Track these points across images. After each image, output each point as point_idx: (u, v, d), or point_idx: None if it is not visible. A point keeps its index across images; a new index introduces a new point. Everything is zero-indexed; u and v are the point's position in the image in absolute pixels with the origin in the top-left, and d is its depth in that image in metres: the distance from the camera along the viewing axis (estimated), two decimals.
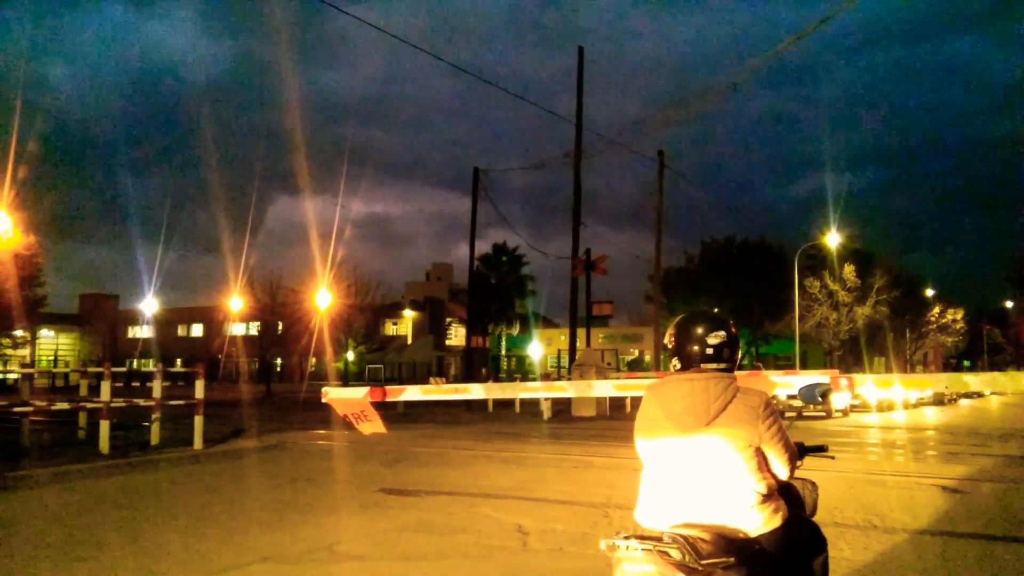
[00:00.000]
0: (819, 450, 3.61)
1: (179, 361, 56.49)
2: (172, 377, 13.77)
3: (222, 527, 7.16)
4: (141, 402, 13.31)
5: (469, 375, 37.95)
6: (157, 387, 13.37)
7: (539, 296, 63.49)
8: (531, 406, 25.74)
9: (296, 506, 8.24)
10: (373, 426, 6.91)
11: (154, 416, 13.28)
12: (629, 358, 63.01)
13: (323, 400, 7.57)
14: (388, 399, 7.46)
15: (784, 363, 51.16)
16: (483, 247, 61.69)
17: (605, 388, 6.97)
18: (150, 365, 52.44)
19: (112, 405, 12.49)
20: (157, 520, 7.44)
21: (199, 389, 13.38)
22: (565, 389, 7.46)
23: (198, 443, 13.14)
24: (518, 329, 64.51)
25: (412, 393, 7.53)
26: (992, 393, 39.15)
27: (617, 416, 23.79)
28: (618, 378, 21.99)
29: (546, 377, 40.26)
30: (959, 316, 61.93)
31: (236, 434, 14.84)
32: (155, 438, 13.13)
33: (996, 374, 7.61)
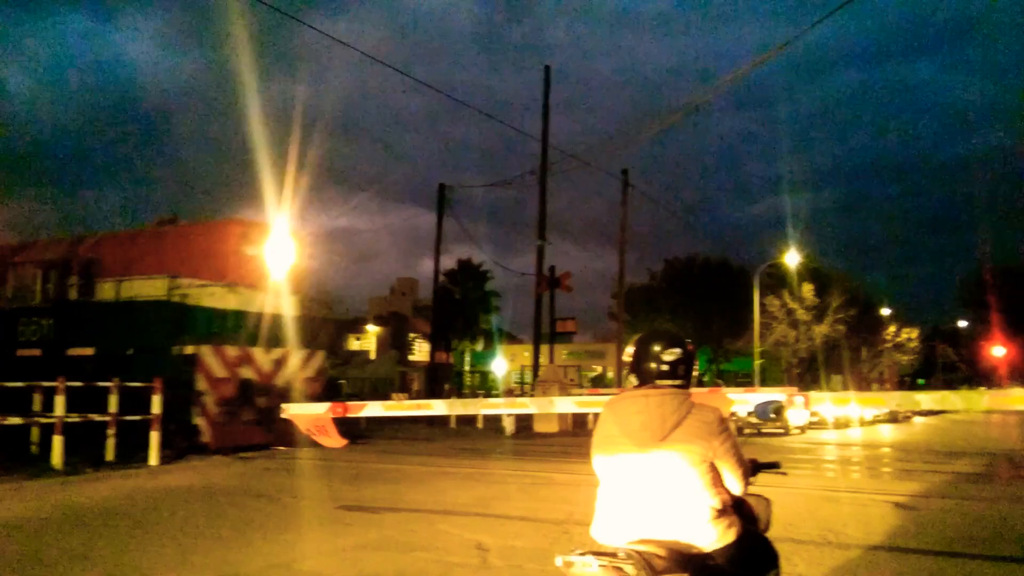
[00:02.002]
0: (772, 466, 3.68)
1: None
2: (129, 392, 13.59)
3: (178, 544, 7.05)
4: (96, 417, 13.07)
5: (432, 391, 37.80)
6: (113, 402, 13.16)
7: (504, 312, 63.56)
8: (494, 422, 25.71)
9: (254, 523, 8.14)
10: (333, 440, 6.90)
11: (109, 431, 13.06)
12: (592, 375, 63.20)
13: (282, 416, 7.53)
14: (349, 415, 7.44)
15: (744, 380, 51.65)
16: (448, 263, 61.67)
17: (567, 404, 7.03)
18: None
19: (66, 420, 12.27)
20: (111, 538, 7.31)
21: (156, 404, 13.19)
22: (527, 405, 7.50)
23: (154, 459, 12.95)
24: (482, 345, 64.45)
25: (374, 409, 7.53)
26: (944, 411, 39.97)
27: (580, 432, 23.86)
28: (580, 394, 22.02)
29: (509, 393, 40.28)
30: (914, 335, 63.16)
31: (194, 450, 14.62)
32: (110, 453, 12.91)
33: (947, 392, 7.80)
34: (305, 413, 7.27)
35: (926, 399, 6.87)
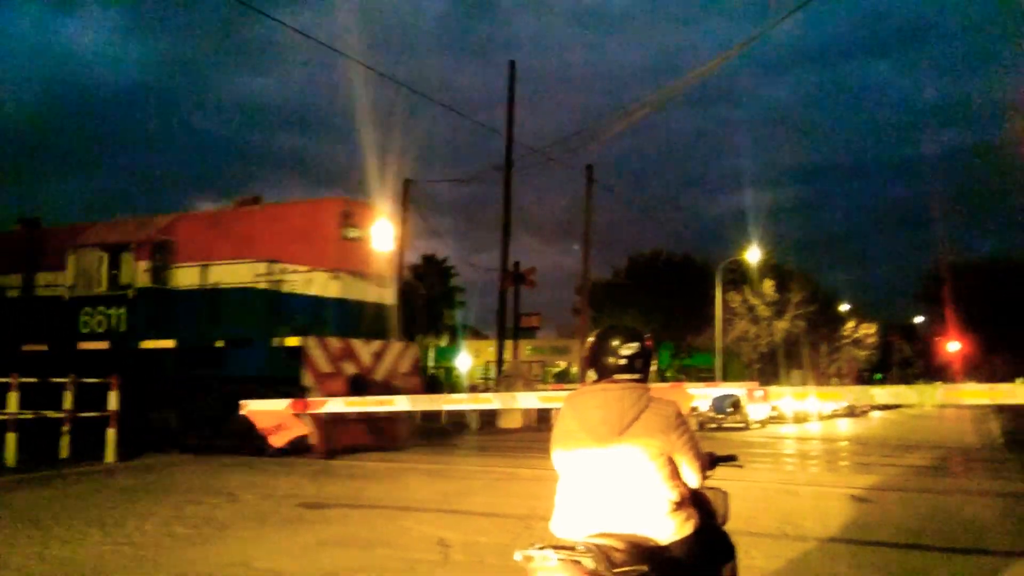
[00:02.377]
0: (729, 460, 3.72)
1: None
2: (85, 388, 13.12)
3: (135, 543, 6.95)
4: (51, 414, 12.82)
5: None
6: (68, 398, 12.91)
7: (468, 307, 63.39)
8: (458, 417, 25.70)
9: (213, 521, 8.05)
10: (291, 433, 6.81)
11: (64, 428, 12.82)
12: (556, 370, 63.39)
13: (241, 412, 7.44)
14: (310, 411, 7.40)
15: (706, 375, 52.19)
16: (412, 258, 61.35)
17: (530, 400, 7.05)
18: None
19: (20, 416, 12.02)
20: (65, 537, 7.18)
21: (112, 400, 12.97)
22: (490, 400, 7.51)
23: (110, 456, 12.74)
24: (447, 340, 64.29)
25: (335, 405, 7.48)
26: (900, 406, 40.73)
27: (543, 427, 23.92)
28: (544, 390, 22.05)
29: (473, 388, 40.29)
30: (872, 331, 64.28)
31: (154, 447, 14.40)
32: (65, 451, 12.68)
33: (903, 387, 7.93)
34: (264, 410, 7.18)
35: (882, 393, 6.98)
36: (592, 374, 3.37)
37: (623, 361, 3.28)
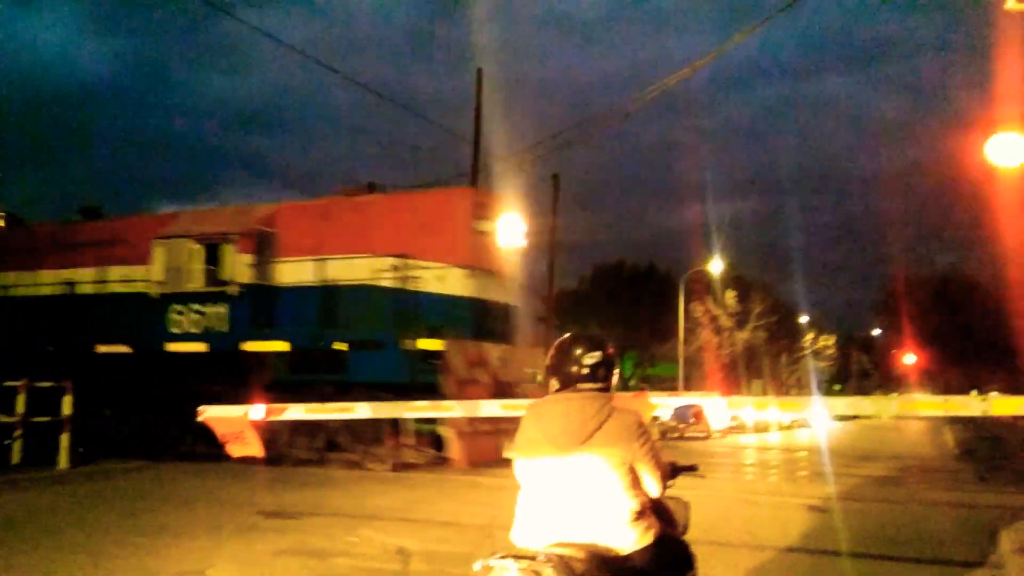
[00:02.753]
0: (690, 469, 3.73)
1: None
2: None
3: (89, 552, 6.78)
4: (2, 418, 12.50)
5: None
6: (21, 402, 12.60)
7: None
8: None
9: (168, 529, 7.89)
10: (248, 448, 6.66)
11: (16, 433, 12.51)
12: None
13: (199, 419, 7.29)
14: (270, 418, 7.28)
15: (669, 385, 52.54)
16: None
17: (493, 408, 7.01)
18: None
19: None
20: (15, 547, 6.98)
21: (67, 404, 12.69)
22: (453, 408, 7.46)
23: (64, 462, 12.45)
24: None
25: (295, 412, 7.37)
26: (858, 416, 41.31)
27: (507, 436, 23.87)
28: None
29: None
30: (831, 342, 65.20)
31: (109, 453, 14.10)
32: (16, 456, 12.37)
33: (861, 398, 8.05)
34: (223, 416, 7.05)
35: (841, 404, 7.06)
36: (555, 383, 3.36)
37: (586, 370, 3.27)
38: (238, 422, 6.72)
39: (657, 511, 3.31)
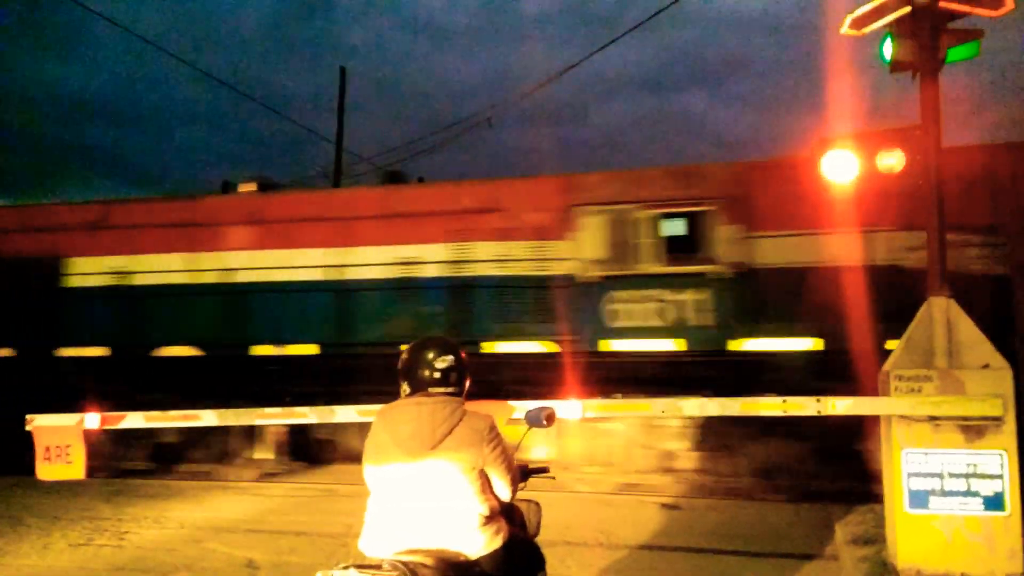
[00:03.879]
0: (542, 472, 3.74)
1: None
2: None
3: None
4: None
5: None
6: None
7: None
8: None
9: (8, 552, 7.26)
10: (68, 470, 6.13)
11: None
12: None
13: (27, 428, 6.74)
14: (106, 427, 6.81)
15: None
16: None
17: (348, 414, 6.82)
18: None
19: None
20: None
21: None
22: (306, 415, 7.20)
23: None
24: None
25: (134, 420, 6.93)
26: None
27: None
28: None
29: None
30: None
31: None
32: None
33: (708, 400, 8.29)
34: (53, 425, 6.53)
35: (689, 405, 7.29)
36: (406, 387, 3.29)
37: (438, 374, 3.22)
38: (68, 432, 6.23)
39: (508, 514, 3.30)
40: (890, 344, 8.98)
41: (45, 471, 6.15)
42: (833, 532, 7.80)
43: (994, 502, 5.77)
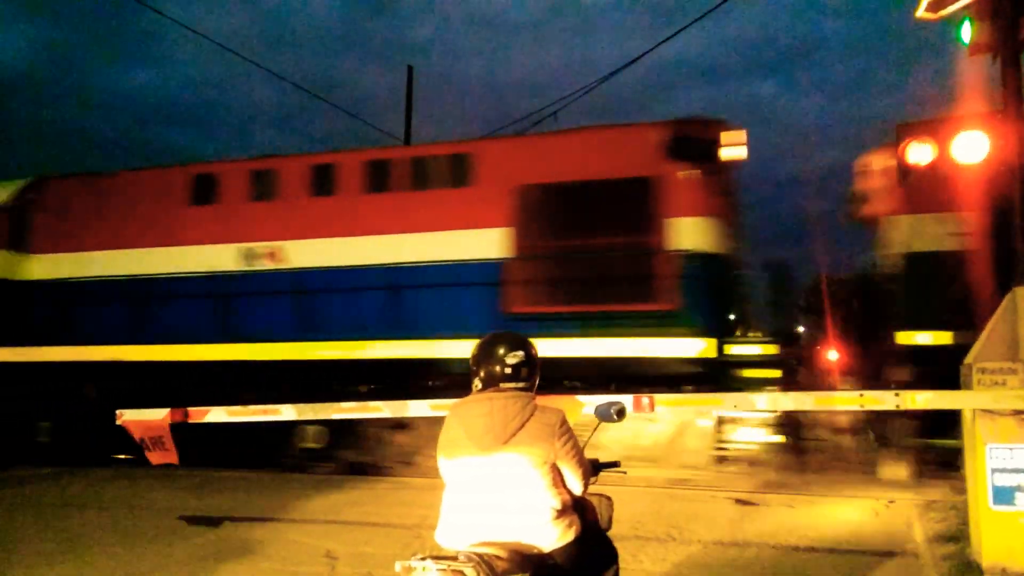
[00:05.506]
0: (613, 466, 3.76)
1: None
2: None
3: None
4: None
5: None
6: None
7: None
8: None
9: (85, 536, 7.62)
10: (166, 455, 6.46)
11: None
12: None
13: (118, 422, 7.06)
14: (191, 421, 7.08)
15: None
16: None
17: (422, 408, 6.94)
18: None
19: None
20: None
21: None
22: (381, 409, 7.35)
23: None
24: None
25: (218, 414, 7.18)
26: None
27: (437, 435, 23.74)
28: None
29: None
30: (759, 336, 66.76)
31: (14, 457, 13.52)
32: None
33: (780, 393, 8.18)
34: (142, 419, 6.84)
35: (761, 399, 7.21)
36: (478, 383, 3.35)
37: (509, 370, 3.27)
38: (157, 426, 6.52)
39: (580, 508, 3.33)
40: None
41: (153, 457, 6.53)
42: (912, 529, 7.61)
43: None
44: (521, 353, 3.29)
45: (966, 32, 6.31)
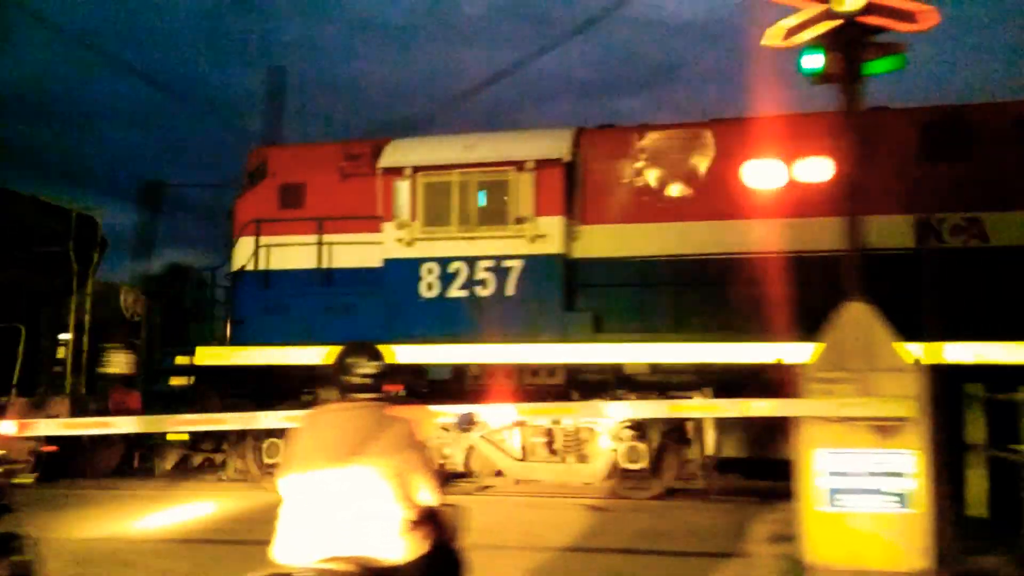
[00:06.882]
0: (463, 476, 3.77)
1: None
2: None
3: None
4: None
5: None
6: None
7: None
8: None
9: None
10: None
11: None
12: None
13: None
14: (23, 434, 6.60)
15: None
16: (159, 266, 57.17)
17: (273, 419, 6.75)
18: None
19: None
20: None
21: None
22: (226, 421, 7.09)
23: None
24: None
25: (48, 427, 6.73)
26: None
27: None
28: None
29: None
30: None
31: None
32: None
33: (643, 402, 8.38)
34: None
35: (616, 408, 7.39)
36: (332, 393, 3.29)
37: (363, 380, 3.23)
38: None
39: (433, 519, 3.31)
40: None
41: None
42: (751, 531, 8.00)
43: (905, 500, 5.95)
44: (377, 364, 3.26)
45: (811, 61, 6.57)
